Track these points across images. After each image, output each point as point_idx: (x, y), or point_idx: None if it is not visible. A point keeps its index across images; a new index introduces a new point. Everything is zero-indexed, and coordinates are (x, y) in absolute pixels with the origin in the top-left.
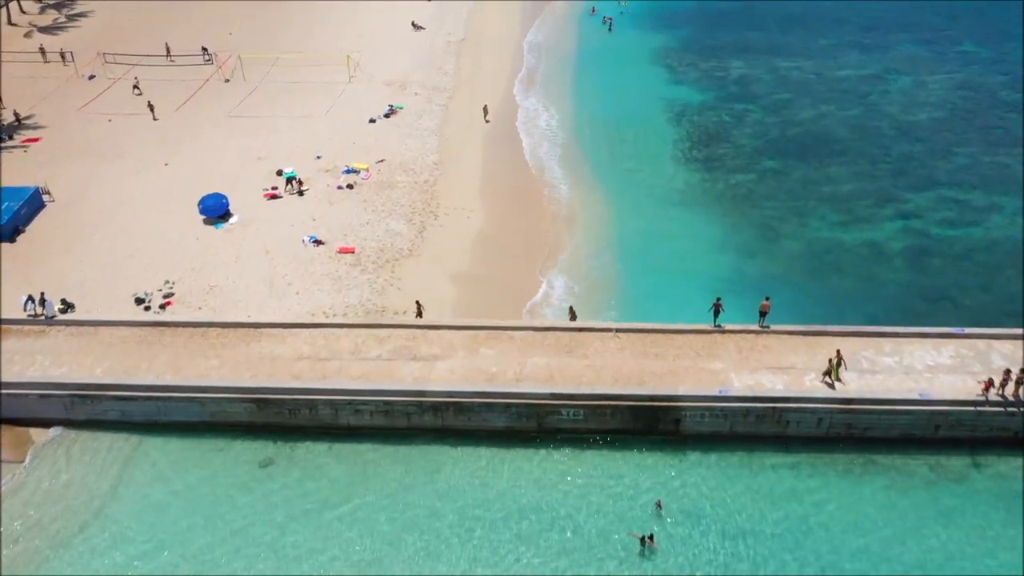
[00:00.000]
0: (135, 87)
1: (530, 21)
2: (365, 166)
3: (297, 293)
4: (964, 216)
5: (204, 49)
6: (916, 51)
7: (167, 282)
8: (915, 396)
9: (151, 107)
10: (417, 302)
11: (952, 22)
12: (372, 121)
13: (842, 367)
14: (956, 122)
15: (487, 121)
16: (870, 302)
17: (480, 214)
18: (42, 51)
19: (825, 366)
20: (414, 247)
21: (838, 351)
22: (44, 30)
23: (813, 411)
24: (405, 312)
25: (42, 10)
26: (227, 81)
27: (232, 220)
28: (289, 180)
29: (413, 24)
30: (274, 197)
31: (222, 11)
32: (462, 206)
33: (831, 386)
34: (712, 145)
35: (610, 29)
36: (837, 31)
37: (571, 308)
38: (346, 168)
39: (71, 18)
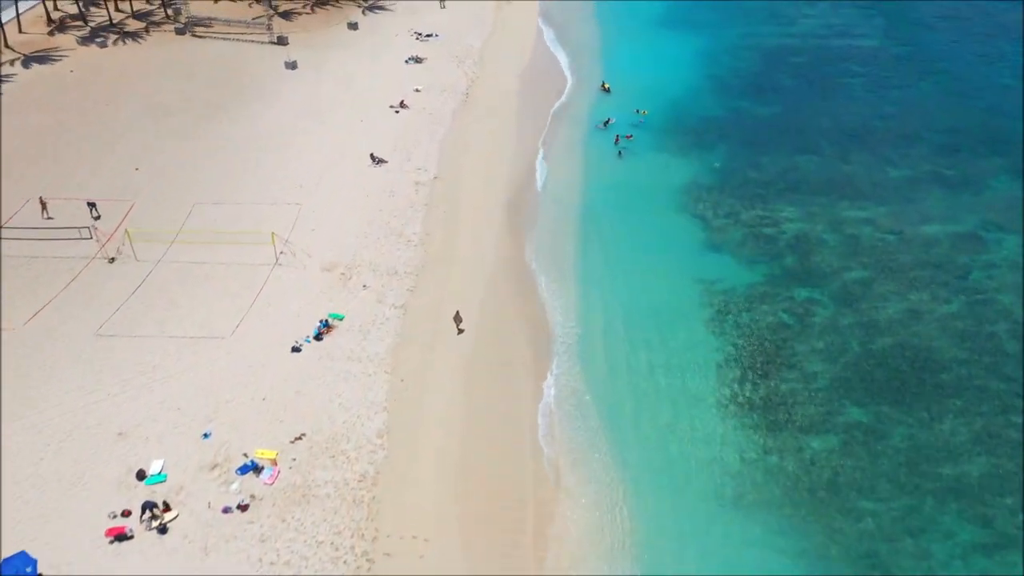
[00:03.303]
0: None
1: (522, 144)
2: (272, 455)
3: None
4: None
5: (91, 205)
6: (1015, 190)
7: None
8: None
9: None
10: None
11: None
12: (296, 350)
13: None
14: None
15: (461, 331)
16: None
17: (446, 544)
18: None
19: None
20: None
21: None
22: None
23: None
24: None
25: None
26: (112, 261)
27: None
28: (147, 507)
29: (372, 157)
30: (121, 536)
31: (132, 137)
32: (415, 531)
33: None
34: (771, 374)
35: (620, 154)
36: (909, 154)
37: None
38: (243, 464)
39: None
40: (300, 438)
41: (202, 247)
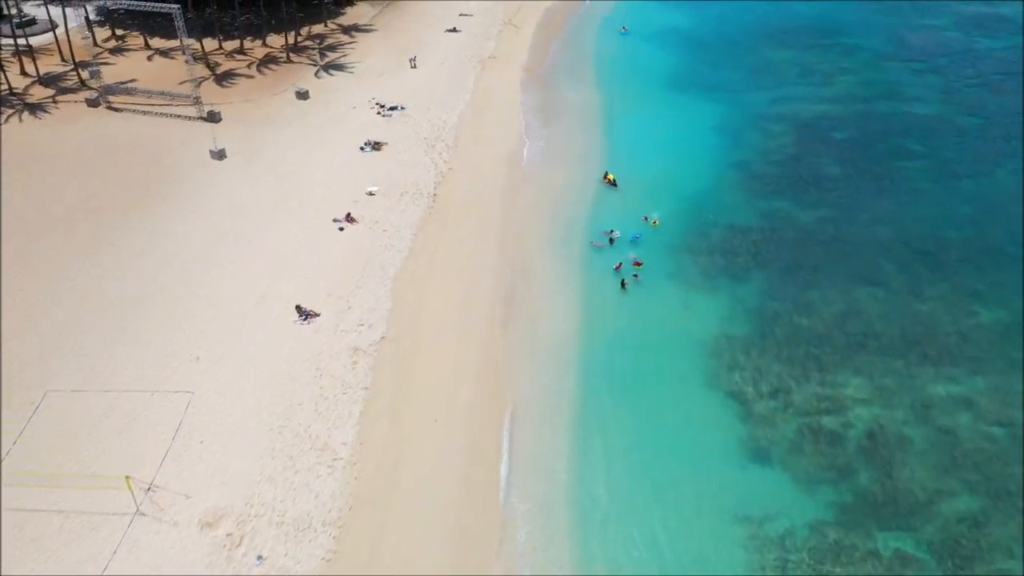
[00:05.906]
0: None
1: (501, 276)
2: None
3: None
4: None
5: None
6: None
7: None
8: None
9: None
10: None
11: None
12: None
13: None
14: None
15: None
16: None
17: None
18: None
19: None
20: None
21: None
22: None
23: None
24: None
25: None
26: None
27: None
28: None
29: (299, 310)
30: None
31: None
32: None
33: None
34: None
35: (624, 286)
36: (999, 283)
37: None
38: None
39: None
40: None
41: (39, 489)
